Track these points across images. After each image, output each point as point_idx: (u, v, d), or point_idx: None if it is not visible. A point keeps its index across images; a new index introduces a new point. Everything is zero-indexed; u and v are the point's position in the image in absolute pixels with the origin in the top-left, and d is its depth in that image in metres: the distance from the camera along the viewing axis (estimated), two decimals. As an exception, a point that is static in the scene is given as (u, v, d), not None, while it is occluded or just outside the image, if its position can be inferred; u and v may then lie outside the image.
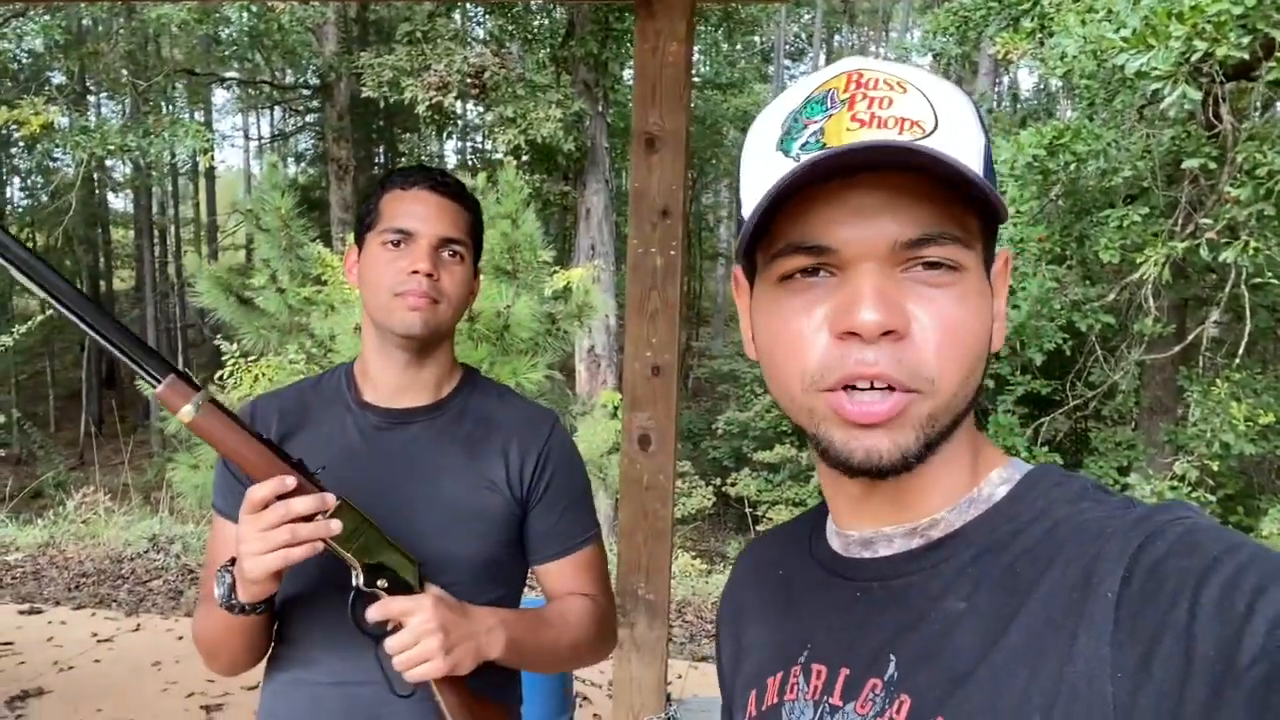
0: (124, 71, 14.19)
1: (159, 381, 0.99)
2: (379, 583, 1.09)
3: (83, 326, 0.95)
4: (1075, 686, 0.51)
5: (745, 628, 0.78)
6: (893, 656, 0.60)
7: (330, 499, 1.05)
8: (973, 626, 0.57)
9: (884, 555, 0.65)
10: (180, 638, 4.58)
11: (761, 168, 0.60)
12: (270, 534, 1.01)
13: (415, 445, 1.30)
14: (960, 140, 0.57)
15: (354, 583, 1.10)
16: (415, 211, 1.28)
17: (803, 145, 0.57)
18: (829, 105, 0.58)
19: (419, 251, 1.25)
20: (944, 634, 0.58)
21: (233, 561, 1.10)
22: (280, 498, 1.03)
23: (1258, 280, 6.07)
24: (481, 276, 1.40)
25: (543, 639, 1.24)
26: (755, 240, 0.61)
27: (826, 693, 0.63)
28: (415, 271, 1.24)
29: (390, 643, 1.07)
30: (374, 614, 1.08)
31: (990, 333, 0.61)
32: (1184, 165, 5.85)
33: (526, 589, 1.48)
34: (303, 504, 1.03)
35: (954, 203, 0.57)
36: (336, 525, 1.05)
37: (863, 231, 0.56)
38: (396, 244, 1.27)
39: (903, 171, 0.56)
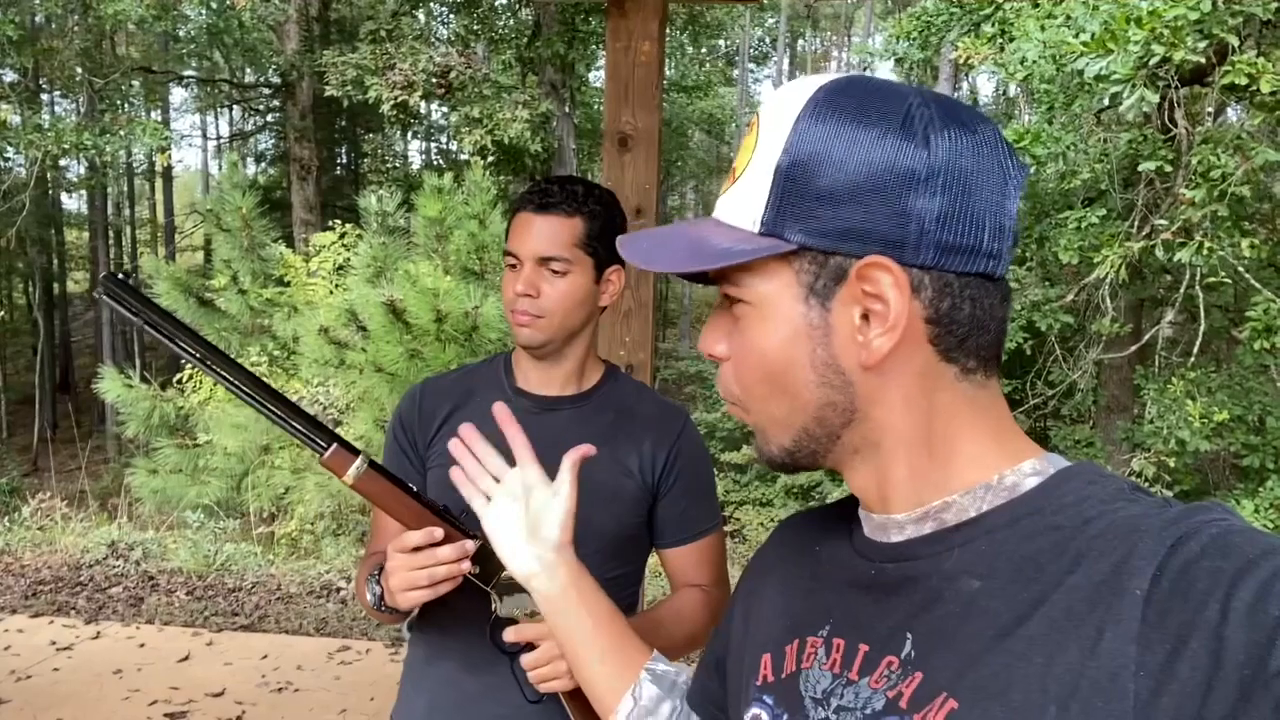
0: (79, 69, 13.90)
1: (325, 450, 1.13)
2: (515, 610, 1.24)
3: (255, 407, 1.10)
4: (1097, 681, 0.51)
5: (765, 591, 0.80)
6: (909, 635, 0.61)
7: (470, 546, 1.19)
8: (989, 610, 0.58)
9: (897, 540, 0.66)
10: (142, 645, 4.49)
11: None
12: (414, 574, 1.18)
13: (562, 429, 1.41)
14: (756, 175, 0.62)
15: (492, 609, 1.24)
16: (519, 234, 1.39)
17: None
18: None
19: (522, 274, 1.39)
20: (960, 616, 0.59)
21: (382, 569, 1.25)
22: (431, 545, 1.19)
23: (1211, 280, 6.21)
24: (621, 269, 1.47)
25: (658, 641, 1.36)
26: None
27: (845, 667, 0.65)
28: (519, 292, 1.38)
29: (526, 659, 1.22)
30: (510, 636, 1.22)
31: (809, 350, 0.63)
32: (1140, 168, 5.98)
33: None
34: (446, 553, 1.17)
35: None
36: (468, 566, 1.20)
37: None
38: (513, 266, 1.41)
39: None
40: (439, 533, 1.18)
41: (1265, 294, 5.76)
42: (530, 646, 1.24)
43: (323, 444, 1.13)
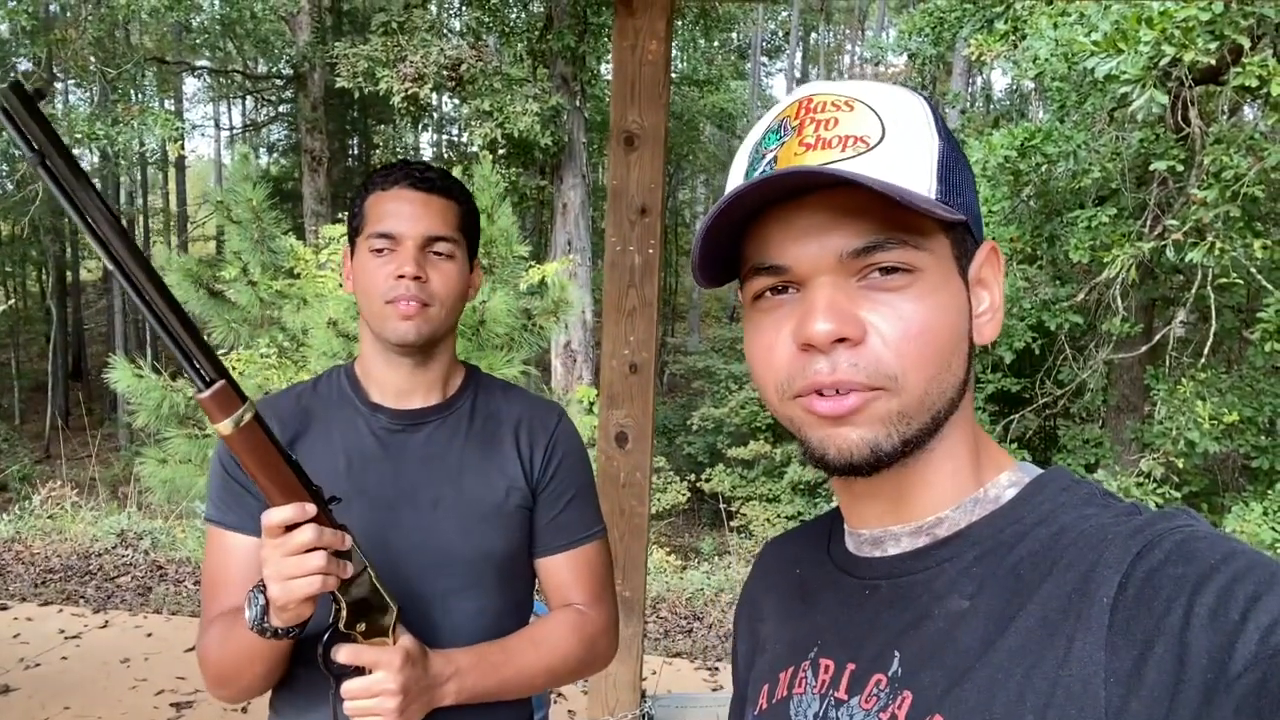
0: (92, 58, 13.95)
1: (209, 384, 0.91)
2: (358, 626, 1.07)
3: (139, 303, 0.88)
4: (1070, 689, 0.52)
5: (762, 624, 0.79)
6: (897, 653, 0.62)
7: (348, 540, 1.03)
8: (975, 625, 0.59)
9: (892, 554, 0.67)
10: (149, 635, 4.53)
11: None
12: (303, 559, 0.99)
13: (432, 446, 1.28)
14: (906, 149, 0.60)
15: (331, 620, 1.07)
16: (398, 211, 1.23)
17: (761, 174, 0.61)
18: (783, 133, 0.62)
19: (404, 255, 1.22)
20: (947, 632, 0.60)
21: (264, 584, 1.05)
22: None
23: (1223, 281, 6.18)
24: (481, 269, 1.36)
25: (506, 675, 1.21)
26: (736, 265, 0.66)
27: (832, 687, 0.65)
28: (402, 276, 1.21)
29: (349, 685, 1.07)
30: (344, 657, 1.07)
31: (962, 327, 0.62)
32: (1152, 167, 5.95)
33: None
34: (332, 537, 1.01)
35: (901, 208, 0.58)
36: (350, 569, 1.04)
37: (810, 248, 0.60)
38: (381, 250, 1.23)
39: (845, 187, 0.58)
40: (312, 509, 0.99)
41: (1277, 295, 5.72)
42: (359, 673, 1.08)
43: (208, 377, 0.91)
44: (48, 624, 4.61)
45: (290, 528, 0.99)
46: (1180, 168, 5.77)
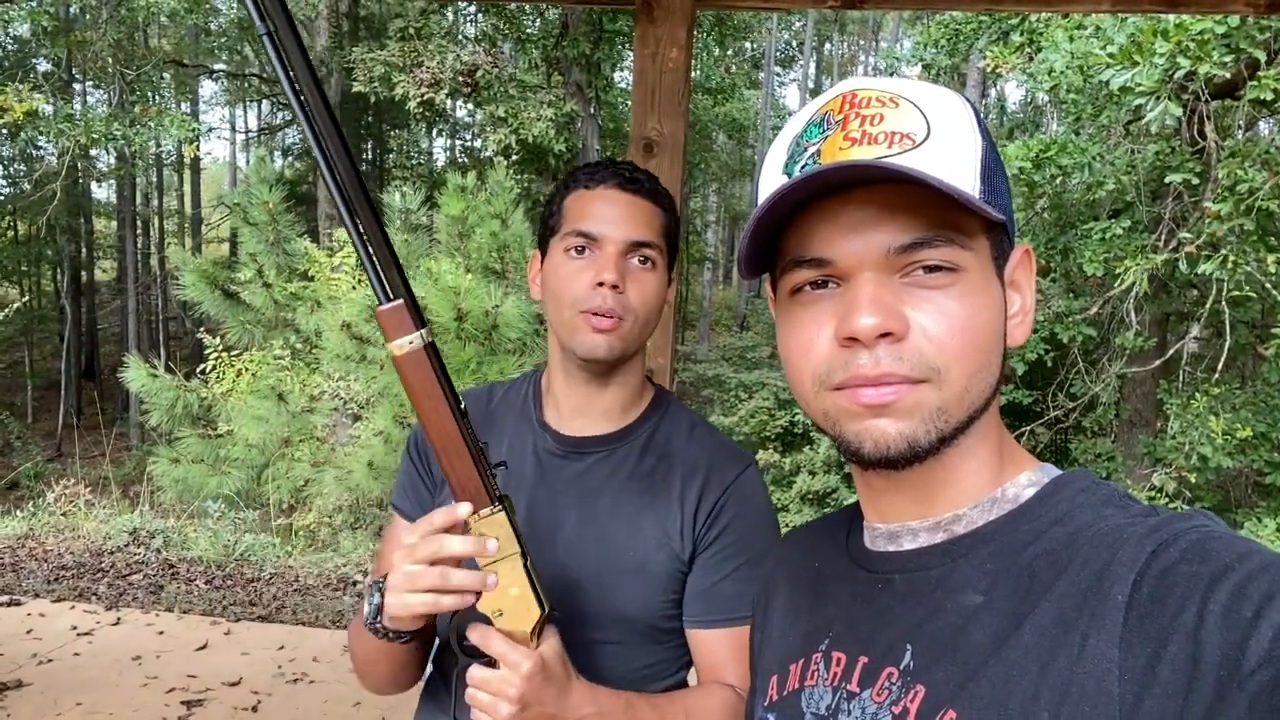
0: (111, 60, 14.07)
1: (388, 299, 0.91)
2: (496, 610, 0.97)
3: (340, 203, 0.88)
4: (1084, 687, 0.52)
5: (773, 613, 0.80)
6: (909, 646, 0.62)
7: (492, 547, 0.94)
8: (988, 621, 0.59)
9: (908, 549, 0.67)
10: (161, 633, 4.55)
11: (768, 190, 0.64)
12: (419, 574, 0.92)
13: (589, 480, 1.17)
14: (952, 148, 0.60)
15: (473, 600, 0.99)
16: (602, 213, 1.12)
17: (802, 167, 0.61)
18: (825, 127, 0.62)
19: (605, 259, 1.10)
20: (960, 627, 0.60)
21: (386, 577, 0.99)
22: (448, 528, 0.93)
23: (1236, 295, 6.17)
24: (675, 278, 1.24)
25: None
26: (770, 259, 0.66)
27: (845, 679, 0.66)
28: (601, 284, 1.09)
29: (473, 674, 0.97)
30: (475, 636, 0.97)
31: (1000, 328, 0.63)
32: (1168, 180, 5.95)
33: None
34: (460, 545, 0.92)
35: (948, 207, 0.59)
36: (493, 580, 0.94)
37: (856, 242, 0.60)
38: (581, 250, 1.12)
39: (893, 184, 0.59)
40: (465, 510, 0.93)
41: (1292, 311, 5.71)
42: (491, 663, 0.98)
43: (390, 293, 0.91)
44: (60, 620, 4.64)
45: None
46: (1195, 181, 5.76)
